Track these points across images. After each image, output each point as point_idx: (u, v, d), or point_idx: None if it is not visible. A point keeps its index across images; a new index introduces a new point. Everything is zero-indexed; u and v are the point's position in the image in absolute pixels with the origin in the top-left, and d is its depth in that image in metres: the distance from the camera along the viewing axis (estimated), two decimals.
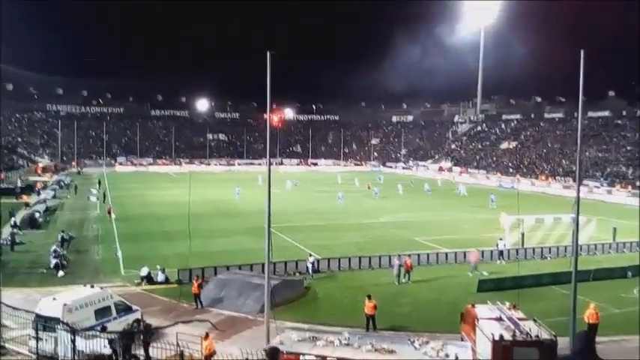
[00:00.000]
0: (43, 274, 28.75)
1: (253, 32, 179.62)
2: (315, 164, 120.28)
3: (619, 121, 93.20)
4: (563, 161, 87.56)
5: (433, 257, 32.46)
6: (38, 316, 18.61)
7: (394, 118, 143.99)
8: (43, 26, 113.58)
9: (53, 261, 29.48)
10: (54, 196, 57.84)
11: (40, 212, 44.85)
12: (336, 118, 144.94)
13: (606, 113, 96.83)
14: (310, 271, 28.70)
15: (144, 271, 27.43)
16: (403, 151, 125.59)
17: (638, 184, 66.99)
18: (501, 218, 43.03)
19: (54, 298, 19.37)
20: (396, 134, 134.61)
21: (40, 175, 78.61)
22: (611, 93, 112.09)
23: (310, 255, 29.99)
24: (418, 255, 31.87)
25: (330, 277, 29.19)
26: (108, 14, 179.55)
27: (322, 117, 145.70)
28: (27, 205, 49.61)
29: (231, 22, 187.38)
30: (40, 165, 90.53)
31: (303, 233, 40.16)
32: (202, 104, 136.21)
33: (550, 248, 35.02)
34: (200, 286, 24.17)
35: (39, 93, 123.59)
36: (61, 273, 28.62)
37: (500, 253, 32.88)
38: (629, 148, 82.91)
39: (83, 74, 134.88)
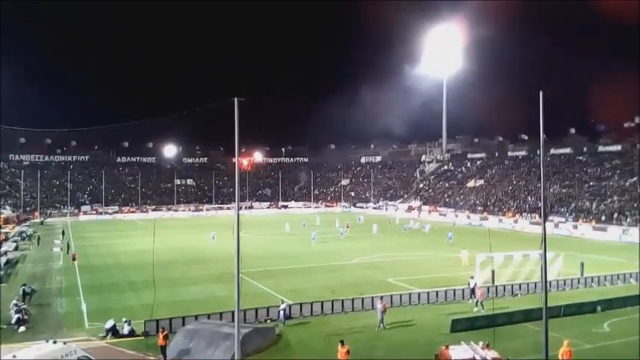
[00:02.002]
0: (2, 329, 27.51)
1: (221, 77, 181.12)
2: (286, 207, 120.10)
3: (581, 157, 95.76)
4: (529, 198, 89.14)
5: (405, 298, 32.22)
6: None
7: (363, 159, 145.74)
8: (3, 76, 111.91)
9: (14, 316, 28.31)
10: (16, 248, 56.21)
11: (0, 265, 43.33)
12: (306, 160, 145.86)
13: (568, 150, 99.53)
14: (282, 318, 28.16)
15: (109, 324, 26.48)
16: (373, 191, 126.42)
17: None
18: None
19: (14, 356, 18.57)
20: (365, 175, 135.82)
21: (1, 227, 76.26)
22: (572, 130, 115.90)
23: (282, 301, 29.47)
24: (391, 296, 31.63)
25: (302, 322, 28.65)
26: (72, 62, 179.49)
27: (292, 159, 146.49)
28: None
29: (199, 67, 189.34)
30: (2, 216, 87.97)
31: (274, 278, 39.58)
32: (170, 150, 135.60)
33: (520, 285, 35.20)
34: (166, 338, 23.38)
35: (1, 143, 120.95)
36: (22, 328, 27.45)
37: (472, 291, 32.84)
38: (591, 183, 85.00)
39: (47, 123, 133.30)
